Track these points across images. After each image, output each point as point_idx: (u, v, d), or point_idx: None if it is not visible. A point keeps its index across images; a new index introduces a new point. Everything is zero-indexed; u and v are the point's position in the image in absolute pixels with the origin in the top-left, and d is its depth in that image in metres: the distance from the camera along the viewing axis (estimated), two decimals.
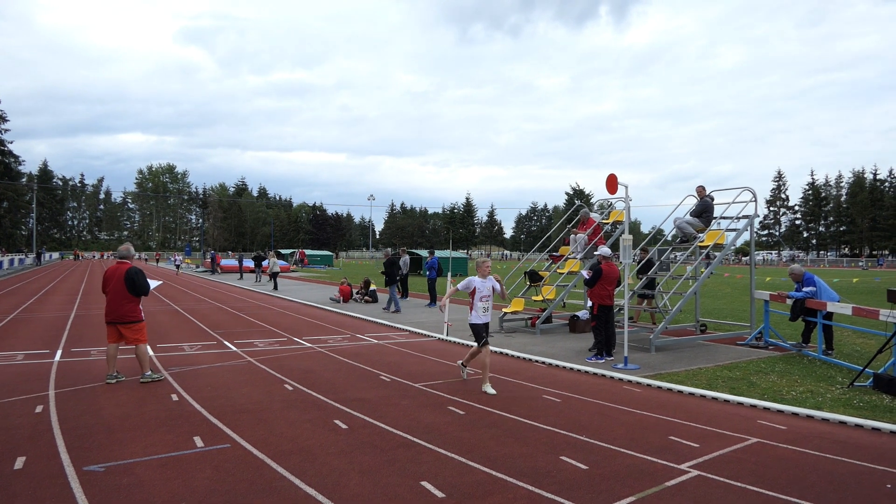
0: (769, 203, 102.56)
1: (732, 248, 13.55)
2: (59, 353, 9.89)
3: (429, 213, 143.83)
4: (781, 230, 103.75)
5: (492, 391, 7.26)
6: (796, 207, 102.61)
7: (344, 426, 5.90)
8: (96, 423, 5.88)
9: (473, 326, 7.61)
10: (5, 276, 36.49)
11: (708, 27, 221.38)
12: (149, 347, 9.86)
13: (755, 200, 11.70)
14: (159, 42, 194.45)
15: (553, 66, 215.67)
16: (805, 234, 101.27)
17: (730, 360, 9.71)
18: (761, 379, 8.24)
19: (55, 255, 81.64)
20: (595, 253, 10.65)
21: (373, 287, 20.34)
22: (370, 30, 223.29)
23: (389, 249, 21.29)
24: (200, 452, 5.07)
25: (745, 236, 12.25)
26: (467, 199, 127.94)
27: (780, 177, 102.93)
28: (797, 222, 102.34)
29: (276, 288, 25.35)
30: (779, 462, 5.03)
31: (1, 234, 61.32)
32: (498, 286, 7.72)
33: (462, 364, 8.21)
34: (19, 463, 4.74)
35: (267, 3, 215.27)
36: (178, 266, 45.49)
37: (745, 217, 11.88)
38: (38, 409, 6.38)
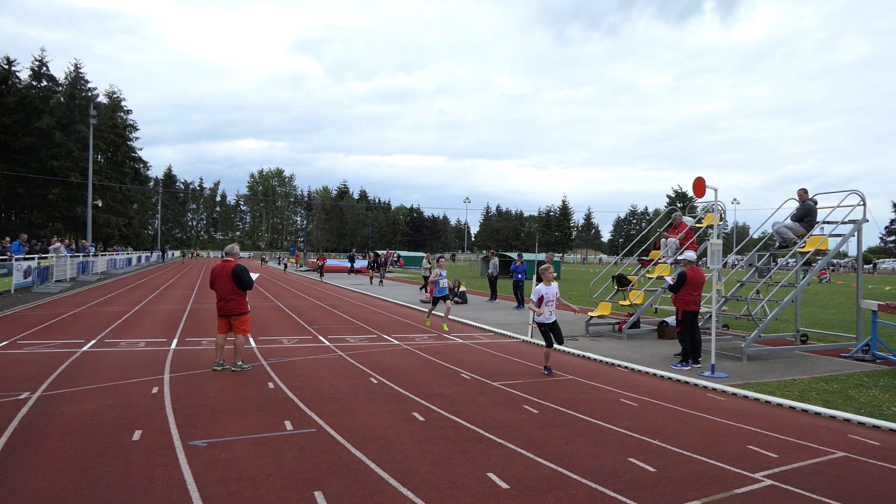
0: None
1: (846, 254, 12.67)
2: (174, 341, 10.94)
3: (524, 216, 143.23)
4: None
5: None
6: None
7: (421, 418, 6.22)
8: (202, 405, 6.55)
9: None
10: (134, 271, 40.21)
11: (828, 19, 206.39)
12: (251, 339, 10.73)
13: (864, 204, 10.95)
14: (273, 53, 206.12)
15: (655, 65, 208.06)
16: None
17: (829, 372, 9.18)
18: (861, 393, 7.77)
19: (176, 253, 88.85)
20: (679, 258, 10.41)
21: (462, 288, 20.71)
22: (468, 34, 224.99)
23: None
24: (289, 435, 5.56)
25: (853, 242, 11.47)
26: (563, 201, 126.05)
27: None
28: None
29: (380, 283, 22.92)
30: (863, 478, 4.81)
31: (131, 234, 67.43)
32: None
33: None
34: (137, 435, 5.42)
35: (371, 11, 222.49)
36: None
37: (851, 222, 11.15)
38: (155, 390, 7.18)
